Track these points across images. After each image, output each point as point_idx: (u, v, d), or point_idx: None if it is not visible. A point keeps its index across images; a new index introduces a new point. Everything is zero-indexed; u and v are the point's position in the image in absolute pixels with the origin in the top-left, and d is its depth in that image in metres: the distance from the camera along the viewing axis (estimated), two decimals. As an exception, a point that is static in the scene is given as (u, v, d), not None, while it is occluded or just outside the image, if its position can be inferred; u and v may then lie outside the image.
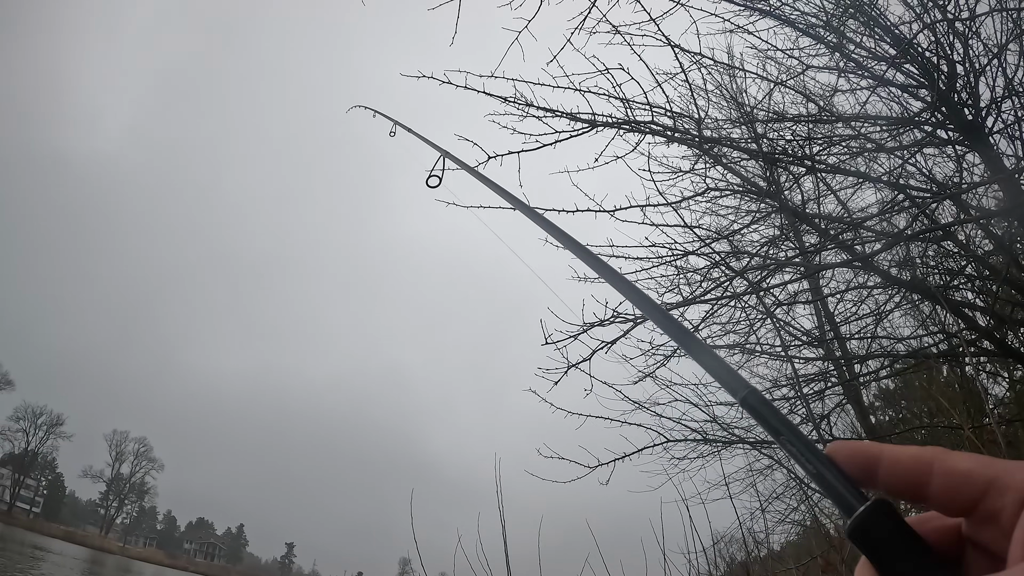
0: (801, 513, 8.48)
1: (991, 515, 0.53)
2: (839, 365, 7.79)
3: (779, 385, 7.61)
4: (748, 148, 5.75)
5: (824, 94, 6.22)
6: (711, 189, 5.98)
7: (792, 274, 6.37)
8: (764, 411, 0.65)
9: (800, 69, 5.91)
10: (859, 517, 0.54)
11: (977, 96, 5.49)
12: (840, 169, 5.96)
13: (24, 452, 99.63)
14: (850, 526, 0.55)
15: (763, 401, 0.65)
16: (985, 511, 0.53)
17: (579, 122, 5.14)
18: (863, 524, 0.54)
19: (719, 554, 5.65)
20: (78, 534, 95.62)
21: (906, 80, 5.77)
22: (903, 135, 5.93)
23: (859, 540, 0.55)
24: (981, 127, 5.35)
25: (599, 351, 5.40)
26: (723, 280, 5.82)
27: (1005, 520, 0.52)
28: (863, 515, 0.54)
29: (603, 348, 5.41)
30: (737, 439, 6.61)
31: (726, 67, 6.29)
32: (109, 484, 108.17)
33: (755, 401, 0.65)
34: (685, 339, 0.78)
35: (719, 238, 6.20)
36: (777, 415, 0.64)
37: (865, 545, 0.54)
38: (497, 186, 1.45)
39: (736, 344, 7.08)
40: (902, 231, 5.49)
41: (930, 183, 5.78)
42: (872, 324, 7.54)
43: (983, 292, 6.53)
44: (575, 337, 5.31)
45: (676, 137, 5.39)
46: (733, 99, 6.68)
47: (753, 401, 0.65)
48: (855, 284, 7.47)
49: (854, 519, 0.55)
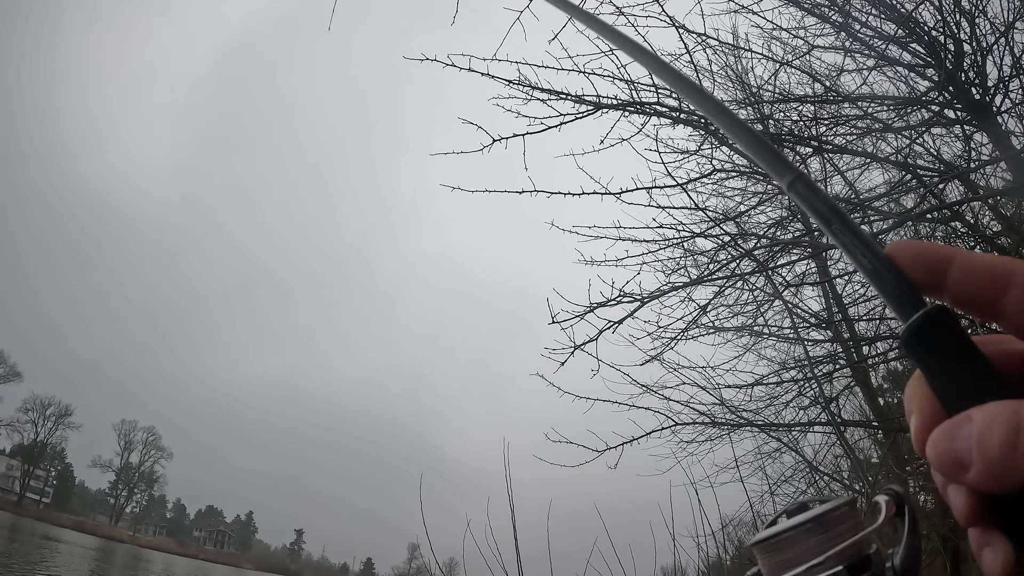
0: (810, 496, 8.47)
1: None
2: (847, 347, 7.77)
3: (787, 368, 7.57)
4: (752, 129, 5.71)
5: (830, 74, 6.18)
6: (717, 170, 5.94)
7: (799, 255, 6.35)
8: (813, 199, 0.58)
9: (805, 49, 5.87)
10: (916, 322, 0.49)
11: (984, 75, 5.44)
12: (847, 149, 5.92)
13: (33, 443, 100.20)
14: (906, 332, 0.50)
15: (813, 188, 0.59)
16: None
17: (584, 104, 5.11)
18: (919, 331, 0.49)
19: (727, 537, 5.66)
20: (88, 523, 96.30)
21: (912, 59, 5.73)
22: (910, 115, 5.89)
23: (913, 349, 0.50)
24: (989, 106, 5.30)
25: (605, 331, 5.38)
26: (729, 260, 5.79)
27: None
28: (920, 320, 0.49)
29: (610, 328, 5.39)
30: (745, 422, 6.61)
31: (731, 47, 6.23)
32: (118, 473, 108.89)
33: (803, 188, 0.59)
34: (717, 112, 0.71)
35: (726, 219, 6.17)
36: (828, 203, 0.57)
37: (920, 354, 0.49)
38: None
39: (744, 326, 7.06)
40: (909, 211, 5.46)
41: (938, 163, 5.74)
42: (881, 306, 7.50)
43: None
44: (581, 316, 5.29)
45: (682, 118, 5.35)
46: (739, 79, 6.62)
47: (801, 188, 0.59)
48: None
49: (910, 324, 0.49)
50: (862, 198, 6.12)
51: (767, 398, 7.48)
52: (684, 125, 5.49)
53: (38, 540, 50.25)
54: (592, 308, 5.29)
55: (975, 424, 0.44)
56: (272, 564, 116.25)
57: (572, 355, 5.40)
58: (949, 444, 0.45)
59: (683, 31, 5.21)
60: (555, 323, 5.23)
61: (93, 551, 58.43)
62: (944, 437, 0.46)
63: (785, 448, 7.79)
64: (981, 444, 0.43)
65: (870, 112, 5.84)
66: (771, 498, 6.99)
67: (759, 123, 5.86)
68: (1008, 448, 0.42)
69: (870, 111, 5.86)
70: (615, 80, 5.14)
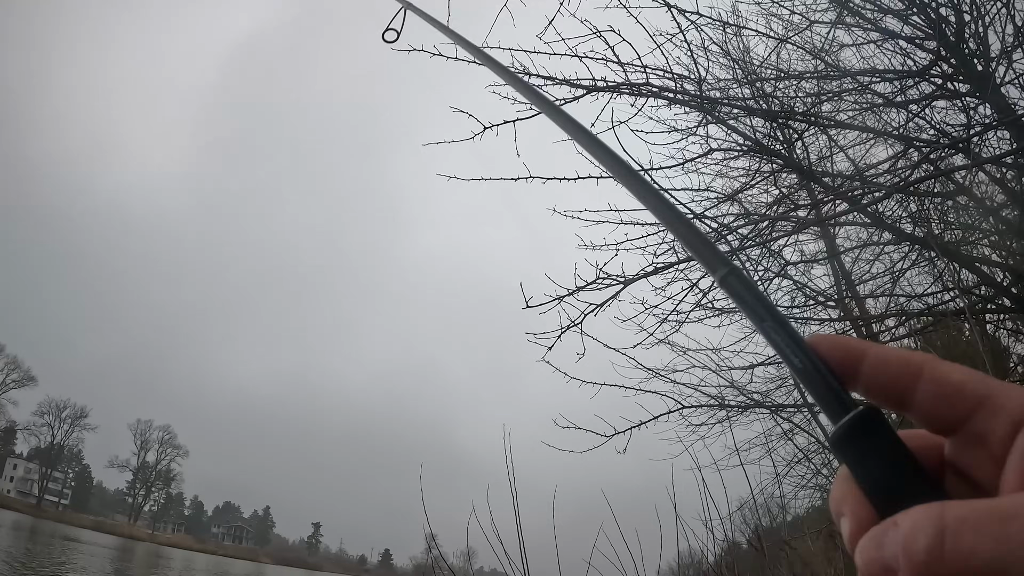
0: (823, 477, 8.43)
1: (979, 437, 0.49)
2: (857, 325, 7.71)
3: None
4: (749, 107, 5.66)
5: (830, 49, 6.11)
6: (715, 150, 5.87)
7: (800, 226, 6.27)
8: (745, 294, 0.57)
9: (804, 24, 5.81)
10: (845, 424, 0.50)
11: (987, 45, 5.37)
12: (847, 124, 5.86)
13: (50, 446, 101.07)
14: (835, 434, 0.50)
15: (745, 282, 0.58)
16: (973, 431, 0.49)
17: (577, 88, 5.06)
18: (849, 433, 0.50)
19: (744, 520, 5.64)
20: (107, 523, 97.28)
21: (913, 32, 5.66)
22: (912, 89, 5.82)
23: (843, 450, 0.50)
24: (991, 77, 5.23)
25: (589, 314, 5.35)
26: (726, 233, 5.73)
27: (995, 444, 0.48)
28: (849, 422, 0.50)
29: (593, 311, 5.36)
30: (754, 403, 6.59)
31: (725, 25, 6.15)
32: (135, 473, 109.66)
33: (735, 282, 0.58)
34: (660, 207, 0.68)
35: (727, 199, 6.12)
36: (760, 298, 0.57)
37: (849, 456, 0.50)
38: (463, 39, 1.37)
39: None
40: (906, 177, 5.38)
41: (940, 136, 5.67)
42: (889, 283, 7.45)
43: (999, 248, 6.44)
44: (560, 300, 5.24)
45: (677, 99, 5.30)
46: (740, 58, 6.54)
47: (734, 282, 0.58)
48: (870, 241, 7.37)
49: (840, 426, 0.50)
50: (859, 168, 6.08)
51: (777, 379, 7.47)
52: (680, 105, 5.44)
53: (58, 541, 50.68)
54: (571, 291, 5.24)
55: (901, 530, 0.45)
56: (290, 558, 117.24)
57: (559, 339, 5.37)
58: (877, 552, 0.46)
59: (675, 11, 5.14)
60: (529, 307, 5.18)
61: (113, 550, 58.98)
62: (872, 544, 0.47)
63: (798, 429, 7.76)
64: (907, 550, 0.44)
65: (871, 87, 5.78)
66: (779, 481, 6.97)
67: (758, 100, 5.79)
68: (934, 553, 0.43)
69: (871, 86, 5.79)
70: (608, 63, 5.10)
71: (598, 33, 4.88)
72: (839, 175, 6.16)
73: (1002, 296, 6.22)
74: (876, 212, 5.46)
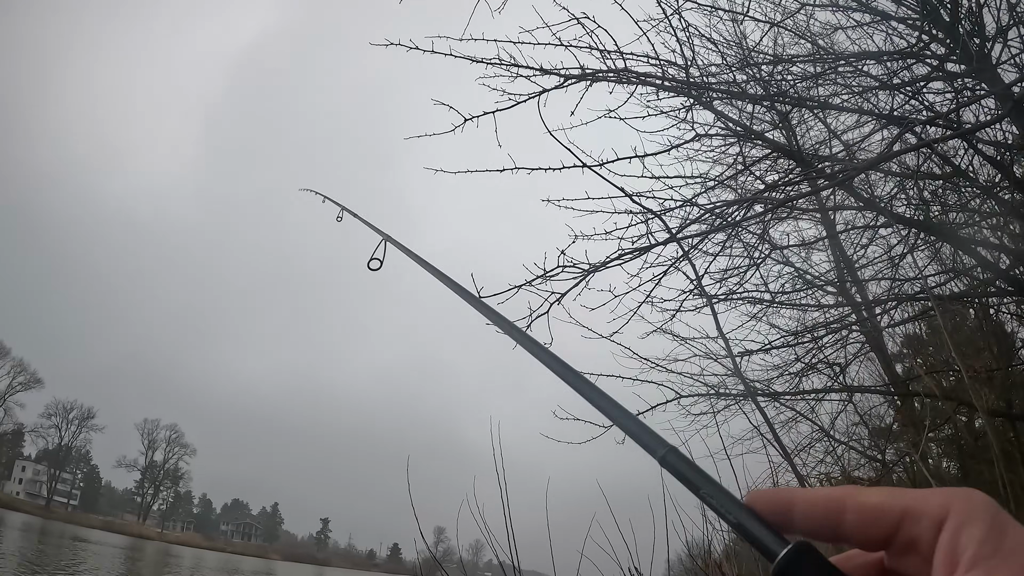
0: (827, 465, 8.38)
1: (909, 544, 0.53)
2: (857, 309, 7.64)
3: (800, 340, 7.44)
4: (735, 92, 5.61)
5: (825, 32, 6.06)
6: (702, 136, 5.79)
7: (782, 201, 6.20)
8: (683, 468, 0.64)
9: (796, 7, 5.76)
10: (781, 562, 0.54)
11: (983, 25, 5.31)
12: (840, 106, 5.80)
13: (58, 447, 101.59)
14: (773, 572, 0.54)
15: (682, 459, 0.66)
16: (903, 542, 0.54)
17: (554, 76, 5.02)
18: (786, 569, 0.53)
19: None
20: (116, 523, 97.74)
21: (907, 13, 5.60)
22: (905, 72, 5.76)
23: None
24: (987, 57, 5.17)
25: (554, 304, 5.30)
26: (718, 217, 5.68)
27: (924, 547, 0.52)
28: (785, 559, 0.54)
29: (556, 300, 5.31)
30: (755, 392, 6.55)
31: (716, 9, 6.09)
32: (143, 472, 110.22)
33: (674, 460, 0.66)
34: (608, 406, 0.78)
35: (718, 183, 6.07)
36: (696, 471, 0.64)
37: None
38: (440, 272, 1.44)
39: (753, 294, 6.99)
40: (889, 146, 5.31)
41: (933, 116, 5.61)
42: (889, 267, 7.38)
43: (1001, 231, 6.39)
44: (518, 288, 5.18)
45: (665, 86, 5.24)
46: (728, 41, 6.47)
47: (672, 460, 0.66)
48: (868, 225, 7.31)
49: (776, 565, 0.54)
50: (849, 148, 6.04)
51: (778, 367, 7.42)
52: (667, 91, 5.38)
53: (68, 542, 50.89)
54: (529, 281, 5.20)
55: None
56: (300, 554, 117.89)
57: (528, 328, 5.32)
58: None
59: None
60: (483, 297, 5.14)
61: (123, 550, 59.17)
62: None
63: (800, 417, 7.71)
64: None
65: (866, 71, 5.73)
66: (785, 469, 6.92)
67: (756, 86, 5.73)
68: None
69: (867, 69, 5.74)
70: (591, 50, 5.06)
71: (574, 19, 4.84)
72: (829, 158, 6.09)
73: (1002, 279, 6.17)
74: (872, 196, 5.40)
